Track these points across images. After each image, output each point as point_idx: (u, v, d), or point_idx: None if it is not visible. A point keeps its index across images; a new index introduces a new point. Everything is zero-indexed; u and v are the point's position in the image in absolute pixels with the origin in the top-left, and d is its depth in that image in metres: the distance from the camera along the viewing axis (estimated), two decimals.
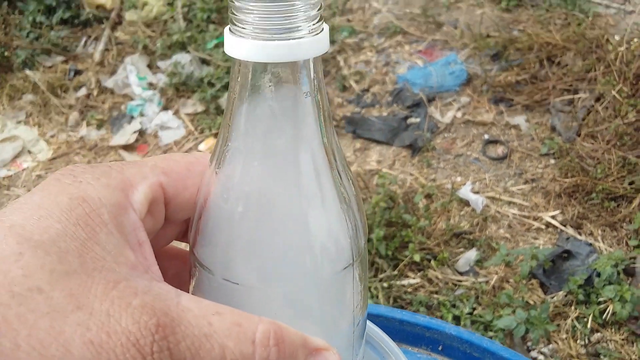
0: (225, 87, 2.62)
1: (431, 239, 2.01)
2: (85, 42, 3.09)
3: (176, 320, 0.27)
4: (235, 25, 0.29)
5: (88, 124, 2.66)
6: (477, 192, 2.17)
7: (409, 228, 1.99)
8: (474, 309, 1.81)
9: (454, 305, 1.82)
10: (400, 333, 0.66)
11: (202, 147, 2.49)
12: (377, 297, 1.84)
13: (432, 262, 1.94)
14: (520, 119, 2.41)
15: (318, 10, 0.30)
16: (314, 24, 0.30)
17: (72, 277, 0.26)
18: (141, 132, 2.59)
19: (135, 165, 0.33)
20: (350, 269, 0.33)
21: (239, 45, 0.29)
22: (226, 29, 0.31)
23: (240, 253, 0.32)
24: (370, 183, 2.23)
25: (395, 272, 1.92)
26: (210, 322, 0.27)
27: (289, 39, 0.29)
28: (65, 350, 0.25)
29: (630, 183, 2.05)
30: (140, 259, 0.30)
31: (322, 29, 0.30)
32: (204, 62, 2.77)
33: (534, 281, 1.87)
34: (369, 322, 0.42)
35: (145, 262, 0.30)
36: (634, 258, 1.89)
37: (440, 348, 0.67)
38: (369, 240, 1.96)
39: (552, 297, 1.82)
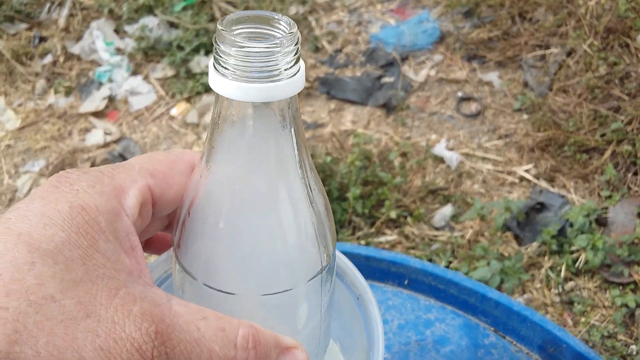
0: (195, 50, 2.58)
1: (407, 196, 2.02)
2: (49, 8, 3.00)
3: (171, 326, 0.29)
4: (219, 64, 0.32)
5: (56, 92, 2.59)
6: (451, 149, 2.18)
7: (385, 186, 2.00)
8: (450, 262, 1.83)
9: (430, 260, 1.84)
10: (367, 269, 0.67)
11: (173, 111, 2.46)
12: None
13: (409, 218, 1.96)
14: (492, 76, 2.41)
15: (295, 55, 0.32)
16: (291, 68, 0.32)
17: (79, 285, 0.28)
18: (111, 99, 2.54)
19: (124, 169, 0.35)
20: (319, 276, 0.37)
21: (221, 82, 0.32)
22: (210, 63, 0.33)
23: (221, 264, 0.35)
24: (345, 143, 2.22)
25: (373, 230, 1.93)
26: (199, 327, 0.30)
27: (268, 82, 0.31)
28: (79, 355, 0.27)
29: (602, 135, 2.08)
30: (134, 263, 0.32)
31: (299, 69, 0.33)
32: (172, 25, 2.71)
33: (508, 233, 1.90)
34: (343, 257, 0.45)
35: (138, 266, 0.32)
36: (606, 208, 1.93)
37: (406, 282, 0.67)
38: (345, 199, 1.96)
39: (526, 248, 1.85)
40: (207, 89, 2.50)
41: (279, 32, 0.33)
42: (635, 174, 2.00)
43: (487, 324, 0.65)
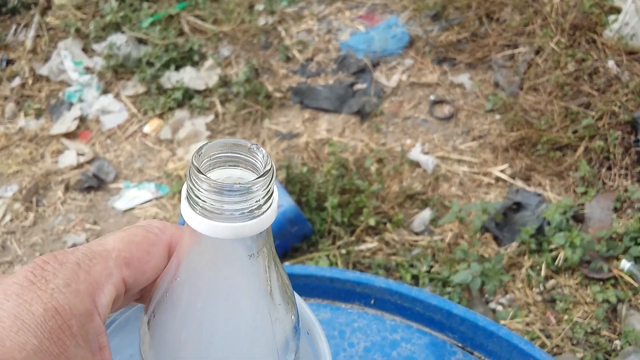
0: (165, 65, 2.55)
1: (385, 202, 2.02)
2: (15, 29, 2.96)
3: None
4: (191, 198, 0.32)
5: (26, 114, 2.55)
6: (427, 153, 2.19)
7: (363, 193, 1.99)
8: (432, 266, 1.83)
9: (412, 265, 1.84)
10: (332, 291, 0.66)
11: (146, 129, 2.43)
12: (337, 264, 1.84)
13: (388, 224, 1.95)
14: (464, 78, 2.42)
15: (268, 194, 0.32)
16: (263, 206, 0.32)
17: None
18: (82, 119, 2.50)
19: (101, 260, 0.34)
20: None
21: (191, 215, 0.32)
22: (183, 190, 0.33)
23: None
24: (321, 152, 2.21)
25: (353, 238, 1.92)
26: None
27: (238, 222, 0.31)
28: None
29: (574, 132, 2.10)
30: None
31: (270, 204, 0.33)
32: (141, 41, 2.68)
33: (487, 235, 1.90)
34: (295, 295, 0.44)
35: None
36: (582, 204, 1.94)
37: (372, 302, 0.67)
38: (324, 209, 1.95)
39: (506, 249, 1.85)
40: (179, 104, 2.48)
41: (255, 160, 0.33)
42: (609, 168, 2.02)
43: (454, 340, 0.64)
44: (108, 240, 0.35)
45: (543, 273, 1.78)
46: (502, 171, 2.10)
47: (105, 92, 2.59)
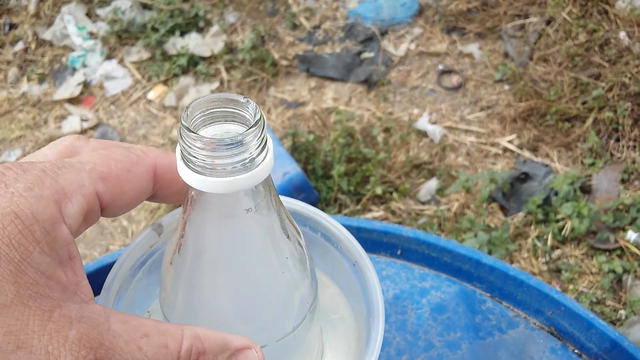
0: (170, 31, 2.52)
1: (392, 171, 2.01)
2: None
3: (111, 349, 0.28)
4: (185, 156, 0.32)
5: (29, 79, 2.53)
6: (434, 123, 2.17)
7: (369, 162, 1.98)
8: (438, 236, 1.83)
9: None
10: (359, 240, 0.65)
11: (150, 95, 2.41)
12: None
13: (394, 194, 1.95)
14: (473, 47, 2.39)
15: (261, 146, 0.31)
16: (256, 157, 0.31)
17: (9, 311, 0.26)
18: (86, 84, 2.48)
19: (72, 170, 0.31)
20: (290, 335, 0.38)
21: (187, 173, 0.32)
22: (177, 150, 0.32)
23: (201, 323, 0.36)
24: (327, 121, 2.20)
25: (359, 207, 1.92)
26: (140, 346, 0.29)
27: (233, 176, 0.31)
28: None
29: (583, 103, 2.08)
30: (70, 276, 0.30)
31: (265, 155, 0.32)
32: (145, 6, 2.65)
33: (494, 205, 1.90)
34: (337, 225, 0.44)
35: (75, 279, 0.30)
36: (590, 176, 1.93)
37: (399, 252, 0.66)
38: (330, 177, 1.94)
39: (512, 219, 1.85)
40: (184, 71, 2.45)
41: (246, 113, 0.32)
42: (618, 140, 2.00)
43: (483, 290, 0.63)
44: (84, 155, 0.33)
45: (549, 243, 1.78)
46: (510, 142, 2.08)
47: (109, 57, 2.56)
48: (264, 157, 0.32)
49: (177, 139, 0.31)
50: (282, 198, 0.43)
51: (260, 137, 0.31)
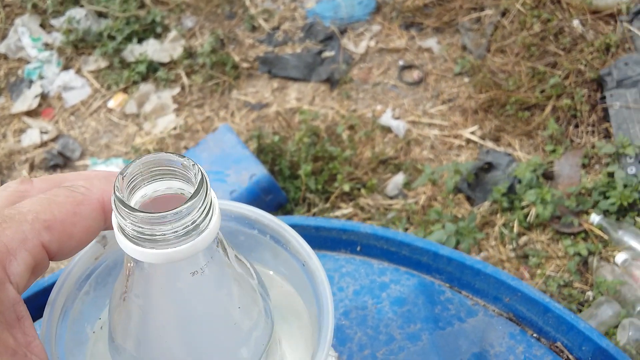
0: (127, 39, 2.49)
1: (358, 168, 2.02)
2: None
3: None
4: (121, 228, 0.30)
5: None
6: (397, 118, 2.19)
7: (336, 160, 1.98)
8: (407, 229, 1.84)
9: None
10: (318, 239, 0.66)
11: (111, 103, 2.37)
12: None
13: (362, 190, 1.96)
14: (431, 42, 2.42)
15: (205, 211, 0.29)
16: (200, 224, 0.30)
17: None
18: (43, 96, 2.43)
19: (13, 223, 0.29)
20: (263, 357, 0.37)
21: (125, 243, 0.30)
22: (113, 217, 0.31)
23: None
24: (292, 121, 2.20)
25: (328, 205, 1.92)
26: None
27: (172, 247, 0.29)
28: None
29: (541, 91, 2.12)
30: (20, 338, 0.28)
31: (211, 219, 0.30)
32: (101, 14, 2.61)
33: (460, 195, 1.92)
34: (285, 226, 0.43)
35: (25, 340, 0.28)
36: (551, 162, 1.97)
37: (358, 248, 0.66)
38: (297, 177, 1.94)
39: (479, 208, 1.87)
40: (144, 78, 2.42)
41: (189, 174, 0.30)
42: (577, 126, 2.05)
43: (442, 280, 0.64)
44: (24, 203, 0.31)
45: (515, 230, 1.81)
46: (473, 133, 2.11)
47: (66, 67, 2.51)
48: (209, 221, 0.30)
49: (140, 146, 0.30)
50: (230, 203, 0.42)
51: (203, 203, 0.29)
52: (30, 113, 2.39)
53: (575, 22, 2.26)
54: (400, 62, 2.39)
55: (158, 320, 0.34)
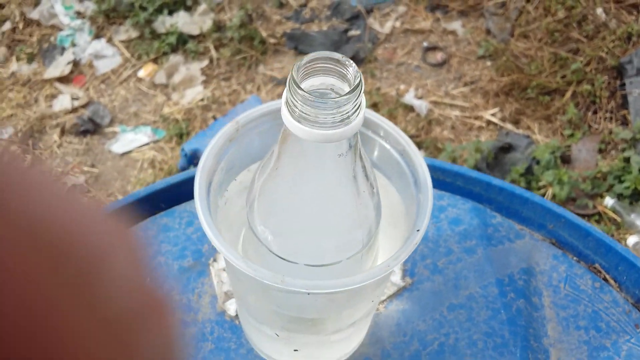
0: (158, 10, 2.55)
1: None
2: None
3: None
4: (289, 106, 0.37)
5: (18, 59, 2.54)
6: (420, 98, 2.24)
7: None
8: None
9: None
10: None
11: (141, 73, 2.44)
12: None
13: None
14: (456, 25, 2.46)
15: (357, 106, 0.37)
16: (352, 116, 0.37)
17: None
18: (75, 63, 2.50)
19: None
20: (359, 254, 0.46)
21: (289, 120, 0.37)
22: (283, 97, 0.38)
23: (286, 242, 0.44)
24: None
25: None
26: None
27: (330, 129, 0.37)
28: None
29: (562, 77, 2.16)
30: None
31: (358, 113, 0.37)
32: None
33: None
34: (385, 120, 0.50)
35: None
36: (569, 146, 2.02)
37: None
38: None
39: None
40: (174, 49, 2.49)
41: (347, 72, 0.38)
42: (595, 112, 2.10)
43: (492, 209, 0.72)
44: None
45: None
46: (493, 115, 2.16)
47: (97, 36, 2.58)
48: (357, 115, 0.37)
49: (168, 116, 0.36)
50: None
51: (357, 98, 0.36)
52: (62, 79, 2.46)
53: (599, 10, 2.30)
54: (425, 44, 2.43)
55: (303, 191, 0.42)
